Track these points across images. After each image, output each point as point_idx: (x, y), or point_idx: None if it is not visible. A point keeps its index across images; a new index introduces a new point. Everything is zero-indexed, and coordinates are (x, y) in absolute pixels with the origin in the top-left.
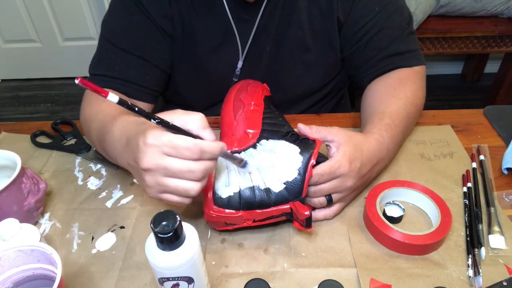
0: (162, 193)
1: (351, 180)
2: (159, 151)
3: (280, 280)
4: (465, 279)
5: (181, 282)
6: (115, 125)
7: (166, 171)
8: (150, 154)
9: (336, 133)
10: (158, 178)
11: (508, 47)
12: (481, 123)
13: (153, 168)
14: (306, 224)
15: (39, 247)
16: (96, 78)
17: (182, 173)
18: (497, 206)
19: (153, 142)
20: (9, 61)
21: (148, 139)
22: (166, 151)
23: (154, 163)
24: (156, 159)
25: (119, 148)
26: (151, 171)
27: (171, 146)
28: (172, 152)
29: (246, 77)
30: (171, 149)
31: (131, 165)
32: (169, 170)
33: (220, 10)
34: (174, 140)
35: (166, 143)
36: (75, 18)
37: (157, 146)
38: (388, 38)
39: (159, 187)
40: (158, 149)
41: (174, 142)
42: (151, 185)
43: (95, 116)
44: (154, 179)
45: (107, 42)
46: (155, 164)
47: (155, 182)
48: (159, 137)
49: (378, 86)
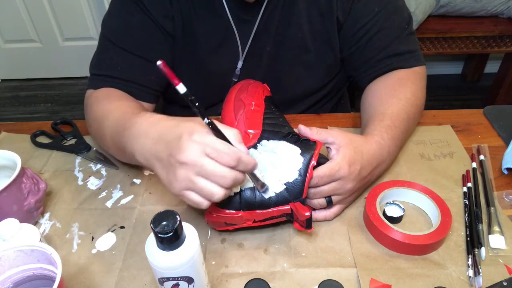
0: (187, 190)
1: (351, 183)
2: (201, 150)
3: (280, 280)
4: (465, 279)
5: (181, 282)
6: (141, 119)
7: (201, 170)
8: (192, 149)
9: (337, 135)
10: (190, 174)
11: (508, 47)
12: (481, 123)
13: (190, 163)
14: (306, 225)
15: (39, 247)
16: (98, 78)
17: (215, 176)
18: (497, 206)
19: (198, 139)
20: (9, 61)
21: (194, 135)
22: (208, 151)
23: (193, 158)
24: (196, 155)
25: (144, 140)
26: (187, 165)
27: (213, 148)
28: (212, 154)
29: (246, 77)
30: (212, 150)
31: (159, 159)
32: (204, 170)
33: (220, 10)
34: (217, 143)
35: (210, 144)
36: (75, 18)
37: (200, 144)
38: (388, 39)
39: (188, 183)
40: (200, 147)
41: (217, 145)
42: (180, 179)
43: (109, 113)
44: (186, 174)
45: (108, 41)
46: (193, 160)
47: (186, 177)
48: (204, 137)
49: (378, 87)
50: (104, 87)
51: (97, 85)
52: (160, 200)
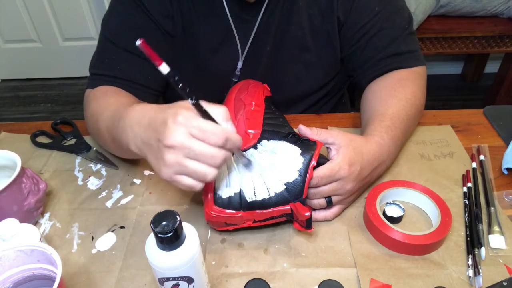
0: (178, 174)
1: (351, 183)
2: (187, 132)
3: (280, 280)
4: (465, 279)
5: (181, 282)
6: (134, 109)
7: (189, 152)
8: (178, 132)
9: (337, 136)
10: (180, 158)
11: (508, 47)
12: (481, 123)
13: (178, 146)
14: (306, 225)
15: (39, 247)
16: (97, 77)
17: (205, 157)
18: (497, 206)
19: (183, 121)
20: (9, 61)
21: (179, 118)
22: (194, 132)
23: (180, 141)
24: (183, 138)
25: (136, 129)
26: (174, 148)
27: (199, 129)
28: (199, 135)
29: (246, 77)
30: (199, 131)
31: (149, 145)
32: (193, 152)
33: (220, 10)
34: (203, 124)
35: (195, 125)
36: (75, 18)
37: (186, 126)
38: (388, 38)
39: (178, 167)
40: (186, 129)
41: (203, 125)
42: (170, 163)
43: (105, 108)
44: (175, 158)
45: (108, 41)
46: (180, 142)
47: (175, 161)
48: (190, 119)
49: (378, 87)
50: (102, 86)
51: (96, 85)
52: (160, 200)
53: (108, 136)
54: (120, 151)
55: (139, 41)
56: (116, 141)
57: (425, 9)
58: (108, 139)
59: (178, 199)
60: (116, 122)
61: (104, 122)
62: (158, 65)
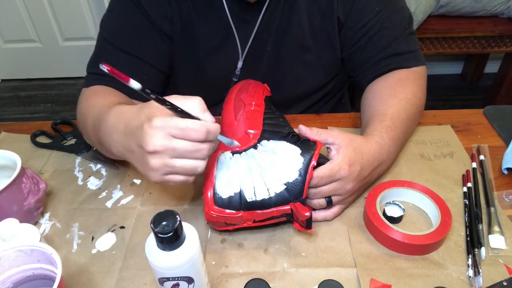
0: (167, 175)
1: (351, 183)
2: (166, 133)
3: (280, 280)
4: (465, 279)
5: (181, 282)
6: (110, 114)
7: (174, 152)
8: (157, 136)
9: (337, 136)
10: (165, 160)
11: (508, 47)
12: (481, 123)
13: (161, 150)
14: (306, 225)
15: (39, 247)
16: (93, 77)
17: (190, 152)
18: (497, 206)
19: (160, 124)
20: (9, 61)
21: (154, 122)
22: (173, 132)
23: (161, 144)
24: (164, 141)
25: (115, 136)
26: (158, 153)
27: (178, 128)
28: (179, 134)
29: (246, 77)
30: (178, 130)
31: (131, 151)
32: (177, 151)
33: (220, 10)
34: (181, 122)
35: (173, 125)
36: (75, 18)
37: (164, 128)
38: (388, 38)
39: (165, 169)
40: (165, 132)
41: (181, 124)
42: (156, 167)
43: (91, 109)
44: (161, 161)
45: (106, 41)
46: (163, 146)
47: (161, 164)
48: (166, 120)
49: (378, 87)
50: (95, 86)
51: (92, 84)
52: (160, 200)
53: (94, 138)
54: (108, 153)
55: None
56: (102, 143)
57: (425, 9)
58: (95, 141)
59: (178, 199)
60: (99, 125)
61: (90, 123)
62: (127, 83)
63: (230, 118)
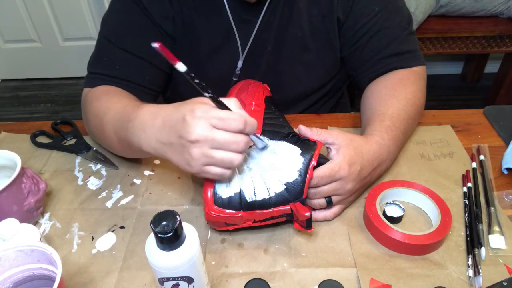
0: (206, 166)
1: (351, 183)
2: (208, 124)
3: (280, 280)
4: (465, 279)
5: (181, 282)
6: (143, 110)
7: (214, 143)
8: (200, 126)
9: (337, 136)
10: (205, 150)
11: (508, 47)
12: (481, 123)
13: (202, 140)
14: (306, 225)
15: (39, 247)
16: (95, 76)
17: (229, 144)
18: (497, 206)
19: (201, 114)
20: (9, 61)
21: (197, 112)
22: (214, 123)
23: (203, 134)
24: (205, 131)
25: (150, 131)
26: (199, 142)
27: (218, 118)
28: (219, 124)
29: (246, 77)
30: (218, 121)
31: (169, 144)
32: (217, 141)
33: (221, 10)
34: (221, 113)
35: (214, 115)
36: (75, 18)
37: (206, 118)
38: (388, 38)
39: (205, 159)
40: (206, 122)
41: (221, 114)
42: (197, 157)
43: (108, 109)
44: (201, 151)
45: (107, 41)
46: (204, 135)
47: (202, 154)
48: (207, 111)
49: (378, 87)
50: (101, 86)
51: (94, 84)
52: (160, 200)
53: (114, 137)
54: (128, 151)
55: (157, 45)
56: (124, 142)
57: (425, 9)
58: (114, 140)
59: (178, 199)
60: (125, 123)
61: (110, 123)
62: (174, 64)
63: None
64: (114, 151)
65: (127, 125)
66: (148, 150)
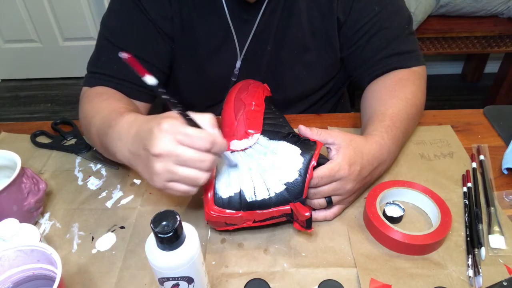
0: (169, 182)
1: (351, 183)
2: (173, 139)
3: (280, 280)
4: (465, 279)
5: (181, 282)
6: (123, 119)
7: (178, 159)
8: (164, 140)
9: (337, 136)
10: (168, 165)
11: (508, 47)
12: (481, 123)
13: (165, 154)
14: (306, 225)
15: (39, 247)
16: (93, 76)
17: (194, 162)
18: (497, 206)
19: (168, 128)
20: (9, 61)
21: (164, 126)
22: (180, 139)
23: (166, 149)
24: (169, 145)
25: (125, 140)
26: (162, 157)
27: (185, 135)
28: (185, 141)
29: (245, 77)
30: (184, 137)
31: (137, 155)
32: (181, 158)
33: (220, 10)
34: (189, 130)
35: (181, 131)
36: (75, 18)
37: (171, 133)
38: (388, 38)
39: (168, 175)
40: (172, 136)
41: (189, 131)
42: (159, 172)
43: (97, 112)
44: (164, 166)
45: (105, 40)
46: (167, 150)
47: (164, 169)
48: (174, 125)
49: (378, 87)
50: (99, 85)
51: (92, 83)
52: (160, 200)
53: (98, 141)
54: (111, 157)
55: (125, 55)
56: (106, 148)
57: (425, 9)
58: (98, 144)
59: (178, 199)
60: (106, 129)
61: (95, 127)
62: (142, 77)
63: (230, 118)
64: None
65: (107, 131)
66: (121, 158)
